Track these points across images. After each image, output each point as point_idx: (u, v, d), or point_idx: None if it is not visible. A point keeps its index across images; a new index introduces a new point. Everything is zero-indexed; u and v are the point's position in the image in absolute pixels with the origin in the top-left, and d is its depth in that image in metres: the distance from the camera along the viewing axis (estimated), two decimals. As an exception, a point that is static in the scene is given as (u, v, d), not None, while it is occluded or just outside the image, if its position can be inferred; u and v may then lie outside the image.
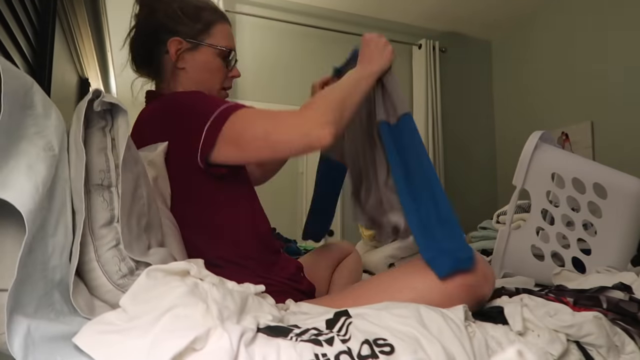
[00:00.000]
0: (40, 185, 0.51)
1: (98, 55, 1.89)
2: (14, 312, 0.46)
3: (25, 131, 0.53)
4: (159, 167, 0.90)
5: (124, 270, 0.62)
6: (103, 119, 0.66)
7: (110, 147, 0.65)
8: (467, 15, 3.60)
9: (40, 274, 0.52)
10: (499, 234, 1.26)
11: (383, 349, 0.51)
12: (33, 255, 0.51)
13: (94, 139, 0.64)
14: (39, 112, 0.56)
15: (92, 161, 0.63)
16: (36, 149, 0.54)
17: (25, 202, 0.48)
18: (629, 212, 1.12)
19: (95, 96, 0.62)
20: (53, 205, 0.55)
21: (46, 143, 0.56)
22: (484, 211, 2.66)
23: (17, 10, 0.96)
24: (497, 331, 0.66)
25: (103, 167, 0.63)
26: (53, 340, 0.48)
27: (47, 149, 0.55)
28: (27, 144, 0.53)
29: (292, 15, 3.34)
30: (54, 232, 0.55)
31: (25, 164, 0.51)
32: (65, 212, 0.58)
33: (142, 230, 0.70)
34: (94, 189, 0.62)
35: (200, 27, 1.00)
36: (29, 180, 0.50)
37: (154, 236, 0.75)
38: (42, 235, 0.52)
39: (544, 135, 1.23)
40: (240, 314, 0.54)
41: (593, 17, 3.08)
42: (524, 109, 3.63)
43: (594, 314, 0.68)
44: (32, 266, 0.50)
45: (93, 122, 0.65)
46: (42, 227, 0.52)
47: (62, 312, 0.53)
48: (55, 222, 0.55)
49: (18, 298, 0.47)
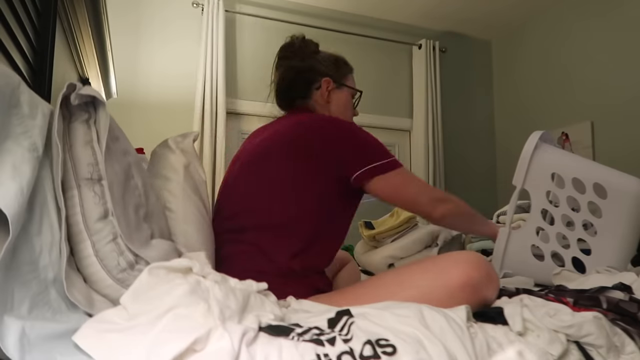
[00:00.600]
0: (25, 187, 0.50)
1: (98, 55, 1.89)
2: (3, 314, 0.45)
3: (11, 130, 0.53)
4: (190, 155, 0.96)
5: (123, 264, 0.62)
6: (85, 111, 0.64)
7: (96, 139, 0.64)
8: (467, 15, 3.60)
9: (31, 274, 0.51)
10: (499, 234, 1.26)
11: (385, 349, 0.50)
12: (19, 256, 0.50)
13: (78, 132, 0.63)
14: (25, 112, 0.55)
15: (78, 155, 0.62)
16: (21, 150, 0.53)
17: (9, 203, 0.47)
18: (629, 212, 1.12)
19: (70, 90, 0.61)
20: (34, 205, 0.55)
21: (31, 144, 0.55)
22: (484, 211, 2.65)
23: (18, 10, 0.96)
24: (497, 332, 0.66)
25: (90, 160, 0.62)
26: (51, 339, 0.48)
27: (32, 150, 0.55)
28: (12, 143, 0.52)
29: (292, 15, 3.34)
30: (39, 232, 0.54)
31: (10, 164, 0.50)
32: (48, 211, 0.57)
33: (142, 221, 0.70)
34: (83, 183, 0.61)
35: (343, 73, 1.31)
36: (14, 182, 0.49)
37: (155, 225, 0.75)
38: (26, 236, 0.52)
39: (544, 135, 1.23)
40: (242, 313, 0.54)
41: (593, 17, 3.08)
42: (524, 109, 3.63)
43: (594, 314, 0.68)
44: (19, 267, 0.50)
45: (75, 115, 0.63)
46: (24, 229, 0.52)
47: (60, 310, 0.53)
48: (38, 222, 0.55)
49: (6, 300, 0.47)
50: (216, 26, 3.00)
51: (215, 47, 2.98)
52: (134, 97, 2.90)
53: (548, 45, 3.43)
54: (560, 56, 3.32)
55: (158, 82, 2.98)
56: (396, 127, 3.60)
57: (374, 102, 3.47)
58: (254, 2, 3.30)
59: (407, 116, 3.66)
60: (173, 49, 3.03)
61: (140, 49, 2.97)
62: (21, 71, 1.01)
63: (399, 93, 3.66)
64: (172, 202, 0.90)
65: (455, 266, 0.77)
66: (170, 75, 3.01)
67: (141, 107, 2.92)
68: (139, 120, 2.86)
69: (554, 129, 3.23)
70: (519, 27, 3.69)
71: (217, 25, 3.01)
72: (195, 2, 3.08)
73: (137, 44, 2.96)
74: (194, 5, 3.09)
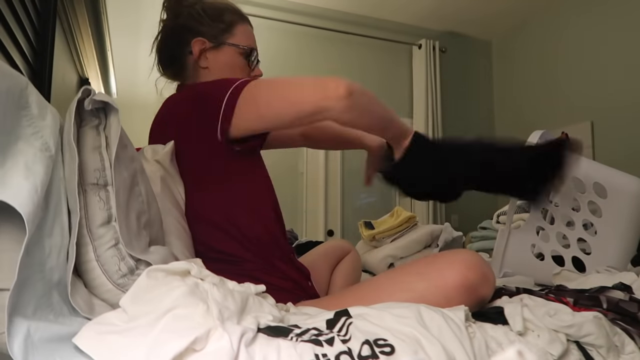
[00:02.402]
0: (39, 186, 0.51)
1: (98, 55, 1.89)
2: (13, 313, 0.46)
3: (21, 131, 0.53)
4: (166, 166, 0.90)
5: (124, 269, 0.62)
6: (96, 117, 0.65)
7: (104, 145, 0.64)
8: (467, 16, 3.60)
9: (39, 275, 0.51)
10: (499, 234, 1.26)
11: (383, 349, 0.51)
12: (30, 257, 0.50)
13: (87, 138, 0.63)
14: (35, 112, 0.56)
15: (86, 160, 0.62)
16: (33, 150, 0.53)
17: (24, 202, 0.47)
18: (629, 211, 1.12)
19: (85, 95, 0.62)
20: (49, 205, 0.55)
21: (43, 144, 0.55)
22: (484, 211, 2.67)
23: (18, 10, 0.96)
24: (497, 332, 0.66)
25: (98, 166, 0.63)
26: (52, 342, 0.48)
27: (43, 150, 0.55)
28: (24, 144, 0.53)
29: (292, 15, 3.34)
30: (50, 233, 0.54)
31: (23, 164, 0.51)
32: (61, 213, 0.57)
33: (142, 228, 0.70)
34: (89, 188, 0.62)
35: (223, 27, 1.03)
36: (27, 181, 0.49)
37: (155, 233, 0.75)
38: (38, 236, 0.52)
39: (543, 135, 1.23)
40: (241, 314, 0.54)
41: (593, 17, 3.08)
42: (524, 109, 3.63)
43: (594, 314, 0.68)
44: (30, 267, 0.50)
45: (86, 120, 0.64)
46: (38, 228, 0.52)
47: (62, 313, 0.53)
48: (51, 223, 0.55)
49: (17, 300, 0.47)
50: (216, 26, 3.00)
51: (215, 47, 2.98)
52: (134, 97, 2.91)
53: (548, 46, 3.43)
54: (560, 56, 3.32)
55: (158, 82, 2.98)
56: (396, 127, 3.60)
57: (374, 102, 3.47)
58: (254, 2, 3.30)
59: (407, 116, 3.66)
60: (173, 49, 3.04)
61: (140, 49, 2.97)
62: (21, 71, 1.01)
63: (399, 93, 3.66)
64: None
65: (450, 267, 0.76)
66: (170, 75, 3.01)
67: (141, 107, 2.92)
68: (139, 120, 2.85)
69: (554, 128, 3.24)
70: (519, 27, 3.69)
71: (217, 26, 3.01)
72: (195, 2, 3.09)
73: (137, 44, 2.96)
74: (194, 5, 3.09)
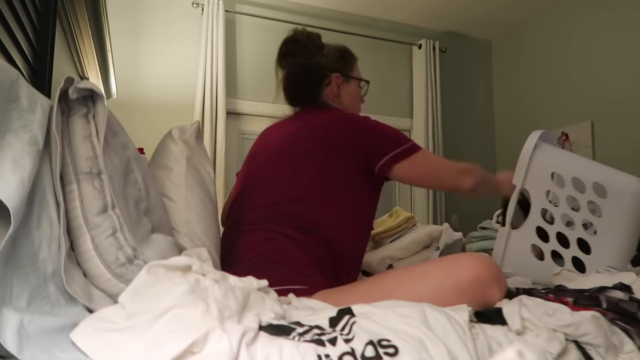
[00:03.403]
0: (26, 180, 0.50)
1: (98, 55, 1.89)
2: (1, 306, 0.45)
3: (10, 124, 0.53)
4: (192, 147, 0.96)
5: (122, 259, 0.62)
6: (84, 106, 0.64)
7: (94, 133, 0.64)
8: (467, 15, 3.60)
9: (30, 267, 0.51)
10: (499, 234, 1.26)
11: (387, 350, 0.50)
12: (19, 249, 0.50)
13: (77, 127, 0.63)
14: (25, 106, 0.56)
15: (77, 149, 0.62)
16: (22, 143, 0.53)
17: (11, 196, 0.47)
18: (628, 211, 1.12)
19: (69, 85, 0.62)
20: (34, 198, 0.55)
21: (31, 137, 0.55)
22: (484, 211, 2.66)
23: (18, 10, 0.96)
24: (497, 332, 0.66)
25: (89, 154, 0.62)
26: (50, 333, 0.48)
27: (32, 144, 0.55)
28: (12, 137, 0.52)
29: (292, 15, 3.34)
30: (38, 225, 0.54)
31: (11, 158, 0.50)
32: (47, 205, 0.57)
33: (142, 215, 0.70)
34: (82, 177, 0.61)
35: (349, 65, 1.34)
36: (15, 175, 0.49)
37: (156, 219, 0.75)
38: (25, 229, 0.52)
39: (543, 135, 1.23)
40: (242, 312, 0.53)
41: (593, 17, 3.08)
42: (524, 109, 3.63)
43: (592, 314, 0.68)
44: (18, 260, 0.50)
45: (74, 110, 0.64)
46: (24, 222, 0.52)
47: (58, 304, 0.53)
48: (37, 215, 0.55)
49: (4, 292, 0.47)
50: (216, 26, 3.01)
51: (215, 47, 2.98)
52: (134, 97, 2.91)
53: (548, 45, 3.43)
54: (560, 56, 3.32)
55: (158, 82, 2.98)
56: (396, 127, 3.57)
57: (374, 102, 3.47)
58: (254, 2, 3.30)
59: (407, 116, 3.66)
60: (173, 49, 3.04)
61: (140, 49, 2.97)
62: (21, 71, 1.01)
63: (399, 93, 3.66)
64: (173, 192, 0.90)
65: (466, 264, 0.81)
66: (170, 75, 3.01)
67: (141, 107, 2.92)
68: (139, 120, 2.86)
69: (554, 128, 3.23)
70: (519, 27, 3.69)
71: (217, 25, 3.01)
72: (195, 2, 3.09)
73: (137, 44, 2.96)
74: (194, 5, 3.09)
